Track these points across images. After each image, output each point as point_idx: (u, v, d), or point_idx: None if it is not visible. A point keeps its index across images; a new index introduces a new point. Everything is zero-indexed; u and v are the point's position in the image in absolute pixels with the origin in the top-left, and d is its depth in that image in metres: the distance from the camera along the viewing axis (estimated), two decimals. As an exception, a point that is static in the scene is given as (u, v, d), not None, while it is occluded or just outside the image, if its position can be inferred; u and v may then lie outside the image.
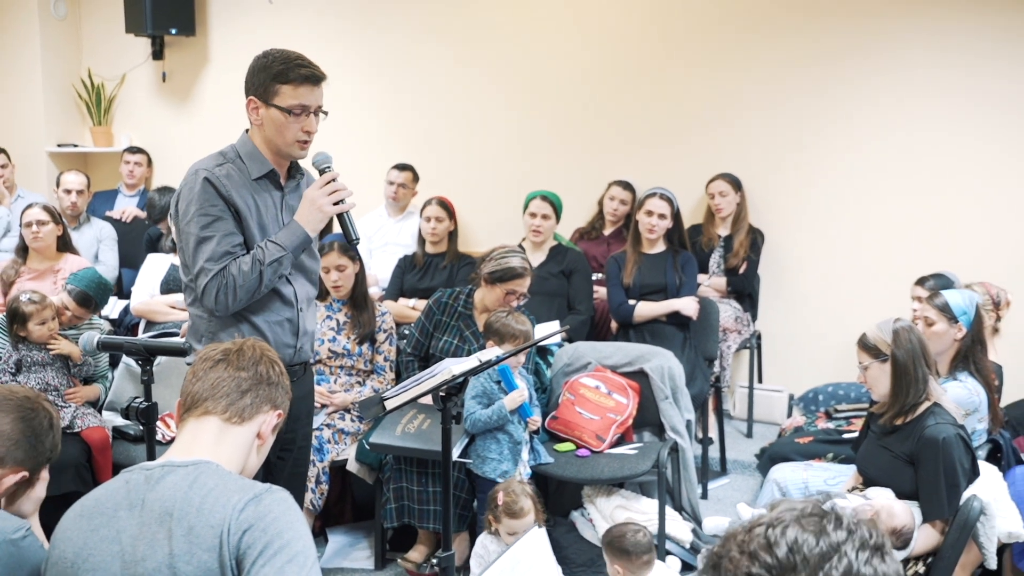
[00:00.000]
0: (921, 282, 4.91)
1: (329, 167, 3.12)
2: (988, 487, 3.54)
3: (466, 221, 6.05)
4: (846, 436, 4.60)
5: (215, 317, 3.09)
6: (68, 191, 6.34)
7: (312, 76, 3.04)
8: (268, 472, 3.15)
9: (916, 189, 5.86)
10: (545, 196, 5.60)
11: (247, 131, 3.15)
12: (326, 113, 3.12)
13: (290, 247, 3.05)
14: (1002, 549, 3.61)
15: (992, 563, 3.48)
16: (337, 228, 5.82)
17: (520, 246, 5.50)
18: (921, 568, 3.37)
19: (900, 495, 3.38)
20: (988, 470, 3.69)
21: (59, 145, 7.71)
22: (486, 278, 4.63)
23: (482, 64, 6.79)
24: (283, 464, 3.28)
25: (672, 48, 6.34)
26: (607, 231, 6.19)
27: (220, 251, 2.99)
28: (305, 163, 3.28)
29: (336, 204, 3.06)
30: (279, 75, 3.00)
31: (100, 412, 4.75)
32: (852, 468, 3.88)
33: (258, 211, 3.10)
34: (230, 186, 3.02)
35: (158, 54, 7.58)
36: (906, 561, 3.35)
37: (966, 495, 3.34)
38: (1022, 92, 5.57)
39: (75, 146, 7.77)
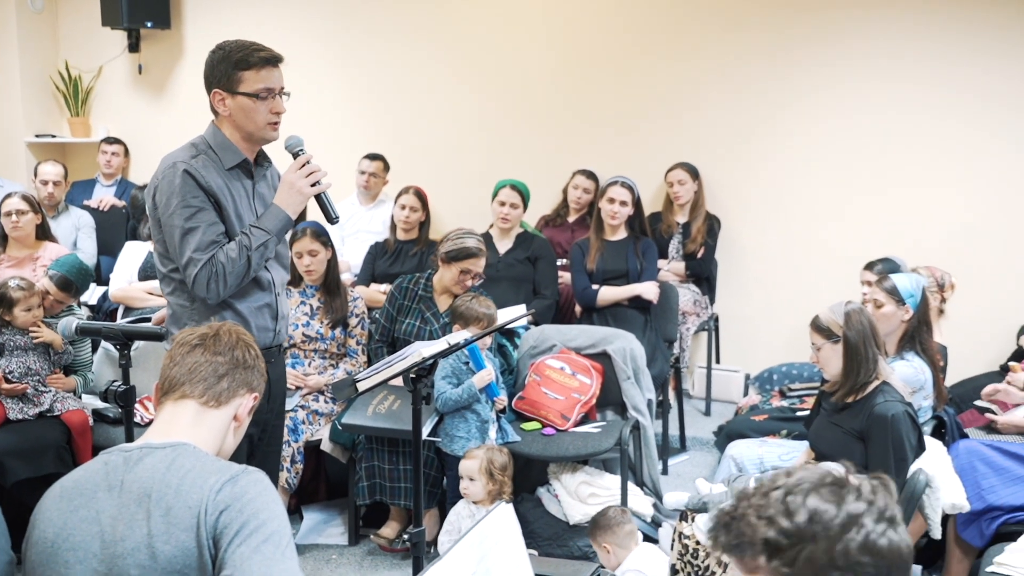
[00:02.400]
0: (870, 266, 4.95)
1: (302, 150, 3.11)
2: (933, 461, 3.59)
3: (435, 209, 6.03)
4: (799, 414, 4.63)
5: (196, 306, 3.06)
6: (45, 182, 6.24)
7: (272, 58, 3.03)
8: (249, 450, 3.15)
9: (865, 176, 5.91)
10: (514, 185, 5.58)
11: (213, 123, 3.11)
12: (288, 94, 3.10)
13: (274, 230, 3.04)
14: (946, 520, 3.66)
15: (937, 533, 3.53)
16: (311, 215, 5.80)
17: (487, 233, 5.51)
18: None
19: (850, 470, 3.41)
20: (933, 445, 3.73)
21: (37, 135, 7.59)
22: (442, 258, 4.65)
23: (450, 58, 6.76)
24: (260, 443, 3.27)
25: (633, 42, 6.34)
26: (571, 218, 6.19)
27: (206, 241, 2.96)
28: (276, 147, 3.24)
29: (314, 185, 3.06)
30: (240, 63, 2.99)
31: (80, 396, 4.70)
32: (805, 444, 3.90)
33: (233, 200, 3.07)
34: (208, 176, 2.99)
35: (134, 47, 7.48)
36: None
37: (913, 469, 3.37)
38: (966, 79, 5.63)
39: (53, 136, 7.66)
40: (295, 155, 3.10)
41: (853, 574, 1.42)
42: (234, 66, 2.99)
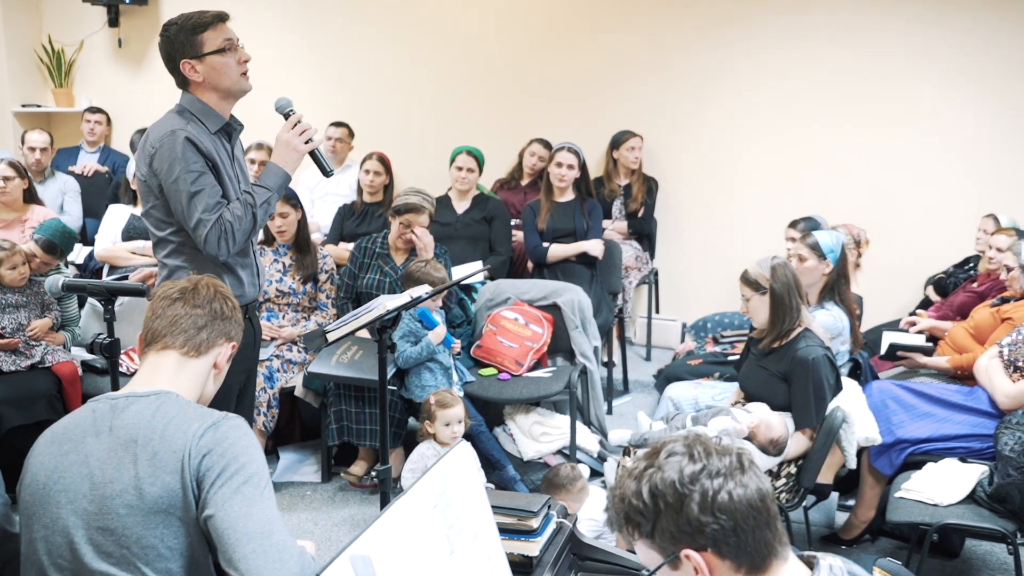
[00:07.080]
0: (794, 224, 4.98)
1: (292, 110, 3.04)
2: (849, 399, 3.64)
3: (396, 173, 5.98)
4: (730, 358, 4.68)
5: (196, 267, 2.94)
6: (32, 149, 6.10)
7: (220, 14, 2.97)
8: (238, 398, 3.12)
9: (789, 140, 5.95)
10: (470, 151, 5.54)
11: (188, 92, 2.99)
12: (243, 46, 3.02)
13: (275, 187, 2.99)
14: (861, 451, 3.73)
15: (852, 463, 3.59)
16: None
17: (446, 195, 5.49)
18: (793, 469, 3.47)
19: (775, 407, 3.46)
20: (849, 385, 3.79)
21: (23, 105, 7.41)
22: (390, 214, 4.67)
23: (410, 35, 6.69)
24: (247, 389, 3.24)
25: (577, 18, 6.31)
26: (524, 182, 6.18)
27: (212, 202, 2.88)
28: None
29: (307, 143, 3.01)
30: (196, 27, 2.91)
31: (69, 349, 4.63)
32: (735, 385, 3.95)
33: (223, 163, 2.99)
34: (204, 142, 2.90)
35: (114, 21, 7.30)
36: (780, 464, 3.44)
37: (831, 406, 3.43)
38: (888, 47, 5.66)
39: (38, 106, 7.49)
40: (286, 116, 3.04)
41: (705, 535, 1.42)
42: (192, 32, 2.91)
